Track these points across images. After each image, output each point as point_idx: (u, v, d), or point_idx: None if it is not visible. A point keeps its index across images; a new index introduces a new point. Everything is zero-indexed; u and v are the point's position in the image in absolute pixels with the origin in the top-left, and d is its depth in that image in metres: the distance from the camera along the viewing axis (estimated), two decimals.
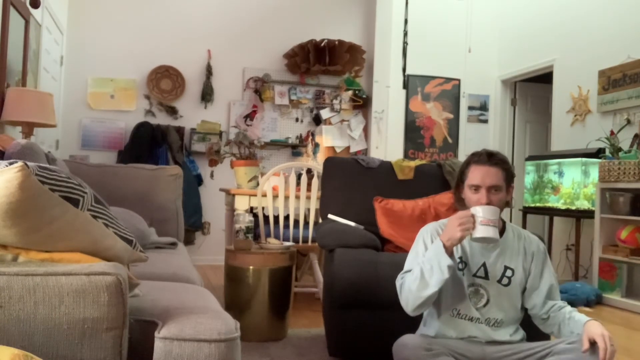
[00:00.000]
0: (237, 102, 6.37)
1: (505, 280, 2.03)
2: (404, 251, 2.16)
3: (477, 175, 1.98)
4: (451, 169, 3.22)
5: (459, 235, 1.87)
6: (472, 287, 2.02)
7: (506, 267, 2.03)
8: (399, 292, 2.01)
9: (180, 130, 6.05)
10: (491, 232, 1.87)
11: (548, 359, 1.87)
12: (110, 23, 6.04)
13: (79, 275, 1.07)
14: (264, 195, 3.81)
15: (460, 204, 2.10)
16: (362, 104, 6.60)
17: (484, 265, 2.02)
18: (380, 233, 2.91)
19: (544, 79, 6.20)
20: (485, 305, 2.01)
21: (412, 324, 2.15)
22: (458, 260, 2.03)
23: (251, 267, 3.03)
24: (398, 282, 2.04)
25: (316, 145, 6.49)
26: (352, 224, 2.93)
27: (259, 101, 6.39)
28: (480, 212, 1.89)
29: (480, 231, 1.87)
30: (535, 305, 2.04)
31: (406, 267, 2.07)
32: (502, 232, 2.07)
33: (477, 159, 2.01)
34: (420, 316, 2.14)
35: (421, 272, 1.92)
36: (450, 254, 1.90)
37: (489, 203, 1.94)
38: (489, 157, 2.00)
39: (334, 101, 6.56)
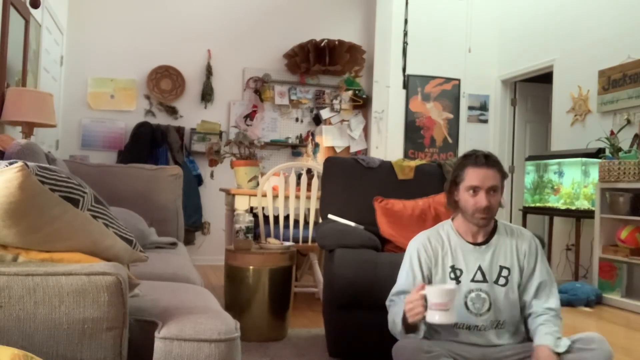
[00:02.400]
0: (237, 102, 6.37)
1: (502, 281, 2.02)
2: (404, 251, 2.16)
3: (476, 177, 1.97)
4: (451, 169, 3.20)
5: (411, 321, 1.82)
6: (473, 293, 2.00)
7: (501, 267, 2.03)
8: (388, 313, 2.05)
9: (180, 130, 6.05)
10: (443, 317, 1.74)
11: None
12: (110, 23, 6.04)
13: (79, 275, 1.07)
14: (264, 195, 3.81)
15: (452, 206, 2.09)
16: (362, 104, 6.60)
17: (479, 268, 2.01)
18: (380, 233, 2.91)
19: (544, 79, 6.20)
20: (489, 310, 1.99)
21: None
22: (450, 269, 2.03)
23: (251, 267, 3.03)
24: (387, 303, 2.07)
25: (316, 145, 6.49)
26: (352, 224, 2.92)
27: (259, 101, 6.39)
28: (431, 295, 1.75)
29: (430, 316, 1.76)
30: (525, 303, 2.03)
31: (396, 286, 2.08)
32: (493, 231, 2.07)
33: (475, 161, 1.99)
34: None
35: (393, 321, 1.97)
36: (412, 326, 1.88)
37: (488, 205, 1.94)
38: (486, 159, 1.99)
39: (334, 101, 6.56)
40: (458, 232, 2.07)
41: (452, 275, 2.01)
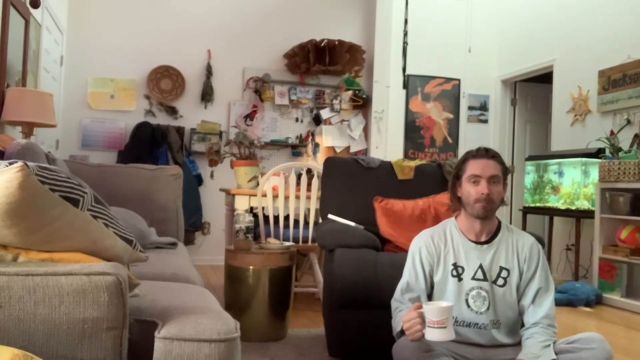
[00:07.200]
0: (237, 102, 6.37)
1: (500, 281, 2.02)
2: (404, 251, 2.16)
3: (476, 166, 2.00)
4: (451, 169, 3.21)
5: (411, 339, 1.81)
6: (474, 291, 2.01)
7: (501, 268, 2.03)
8: (392, 315, 2.05)
9: (180, 130, 6.05)
10: (442, 335, 1.74)
11: None
12: (110, 23, 6.04)
13: (79, 275, 1.07)
14: (264, 195, 3.81)
15: (456, 204, 2.10)
16: (362, 104, 6.60)
17: (480, 267, 2.02)
18: (380, 233, 2.91)
19: (544, 79, 6.20)
20: (488, 309, 2.00)
21: None
22: (451, 267, 2.03)
23: (251, 267, 3.03)
24: (393, 305, 2.07)
25: (316, 145, 6.49)
26: (352, 224, 2.92)
27: (259, 101, 6.39)
28: (429, 313, 1.75)
29: (429, 334, 1.75)
30: (523, 307, 2.03)
31: (400, 283, 2.09)
32: (496, 232, 2.08)
33: (475, 154, 2.05)
34: None
35: (395, 329, 1.98)
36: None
37: (489, 194, 1.96)
38: (486, 151, 2.04)
39: (334, 101, 6.56)
40: (461, 230, 2.08)
41: (454, 273, 2.02)
